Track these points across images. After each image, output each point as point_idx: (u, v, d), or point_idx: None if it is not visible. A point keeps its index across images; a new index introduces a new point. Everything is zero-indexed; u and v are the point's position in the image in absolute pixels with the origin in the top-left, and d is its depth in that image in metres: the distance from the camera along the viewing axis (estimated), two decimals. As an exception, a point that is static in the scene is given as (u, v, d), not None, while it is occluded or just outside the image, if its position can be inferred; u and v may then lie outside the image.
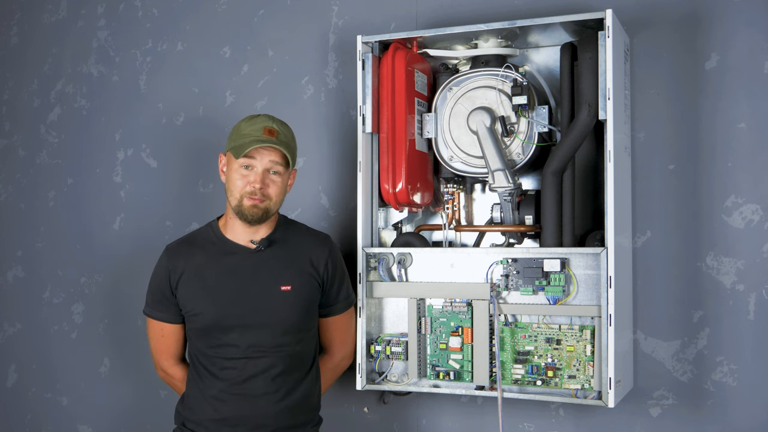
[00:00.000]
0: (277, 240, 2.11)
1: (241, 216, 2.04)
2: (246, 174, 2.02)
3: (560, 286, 2.03)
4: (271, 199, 2.04)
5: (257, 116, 2.07)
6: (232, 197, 2.04)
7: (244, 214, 2.03)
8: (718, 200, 2.11)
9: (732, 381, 2.09)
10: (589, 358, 2.02)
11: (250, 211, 2.02)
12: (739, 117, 2.10)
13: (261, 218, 2.04)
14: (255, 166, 2.02)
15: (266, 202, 2.03)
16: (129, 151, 2.81)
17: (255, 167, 2.02)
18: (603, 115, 1.96)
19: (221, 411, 2.04)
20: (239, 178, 2.02)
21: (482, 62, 2.18)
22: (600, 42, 1.98)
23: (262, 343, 2.04)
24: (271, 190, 2.04)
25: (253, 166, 2.02)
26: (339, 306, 2.18)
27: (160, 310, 2.13)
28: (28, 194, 2.97)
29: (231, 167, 2.05)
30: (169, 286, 2.10)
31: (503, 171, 2.08)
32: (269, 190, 2.03)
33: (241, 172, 2.02)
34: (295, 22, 2.60)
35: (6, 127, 3.02)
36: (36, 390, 2.92)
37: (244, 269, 2.07)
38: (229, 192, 2.05)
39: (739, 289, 2.09)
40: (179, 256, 2.11)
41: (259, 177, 2.02)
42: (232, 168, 2.04)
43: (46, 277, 2.92)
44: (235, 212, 2.04)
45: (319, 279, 2.12)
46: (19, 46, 3.02)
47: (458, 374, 2.14)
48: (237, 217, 2.05)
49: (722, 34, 2.12)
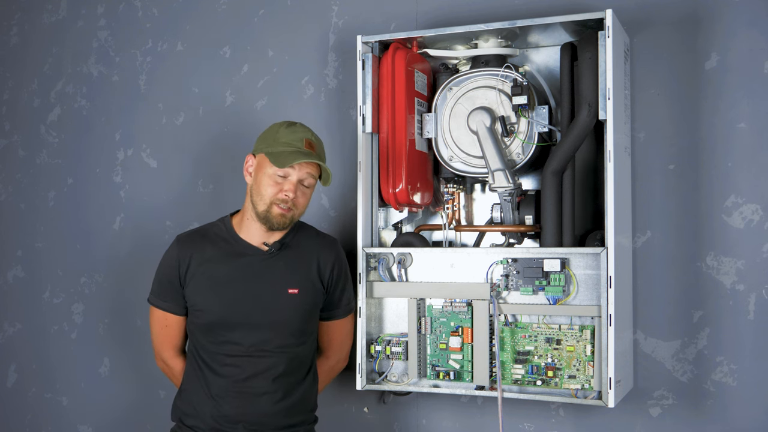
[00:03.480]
0: (289, 244, 2.11)
1: (265, 221, 2.03)
2: (280, 182, 2.01)
3: (560, 286, 2.03)
4: (298, 209, 2.04)
5: (294, 125, 2.05)
6: (260, 202, 2.02)
7: (271, 221, 2.02)
8: (718, 200, 2.11)
9: (732, 381, 2.09)
10: (589, 358, 2.02)
11: (278, 220, 2.02)
12: (739, 117, 2.10)
13: (286, 227, 2.05)
14: (290, 176, 2.01)
15: (293, 212, 2.03)
16: (129, 151, 2.81)
17: (290, 177, 2.01)
18: (603, 115, 1.96)
19: (221, 408, 2.04)
20: (272, 185, 2.01)
21: (482, 62, 2.18)
22: (600, 42, 1.98)
23: (266, 343, 2.04)
24: (301, 201, 2.04)
25: (289, 175, 2.01)
26: (340, 311, 2.19)
27: (165, 299, 2.12)
28: (28, 194, 2.96)
29: (263, 171, 2.02)
30: (178, 275, 2.09)
31: (503, 171, 2.08)
32: (299, 200, 2.03)
33: (275, 179, 2.01)
34: (295, 22, 2.60)
35: (6, 127, 3.02)
36: (36, 390, 2.92)
37: (253, 269, 2.07)
38: (258, 195, 2.02)
39: (739, 289, 2.09)
40: (190, 246, 2.11)
41: (294, 187, 2.01)
42: (264, 172, 2.02)
43: (46, 277, 2.92)
44: (260, 216, 2.03)
45: (324, 283, 2.13)
46: (19, 46, 3.02)
47: (458, 374, 2.14)
48: (258, 220, 2.05)
49: (722, 34, 2.12)
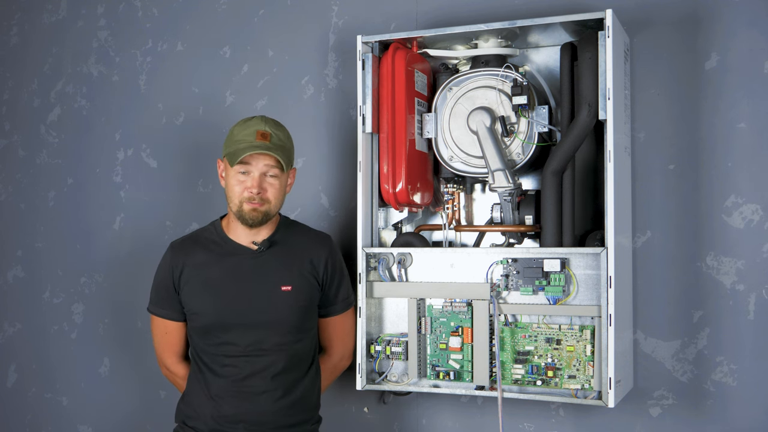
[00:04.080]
0: (278, 241, 2.12)
1: (242, 220, 2.05)
2: (243, 180, 2.03)
3: (560, 286, 2.03)
4: (270, 202, 2.05)
5: (250, 119, 2.08)
6: (231, 203, 2.06)
7: (245, 218, 2.04)
8: (718, 200, 2.11)
9: (732, 381, 2.09)
10: (589, 358, 2.02)
11: (251, 215, 2.04)
12: (739, 117, 2.10)
13: (261, 221, 2.06)
14: (251, 171, 2.03)
15: (265, 206, 2.05)
16: (129, 151, 2.81)
17: (251, 172, 2.03)
18: (603, 115, 1.96)
19: (222, 408, 2.05)
20: (237, 184, 2.04)
21: (482, 62, 2.18)
22: (600, 42, 1.97)
23: (262, 342, 2.05)
24: (269, 194, 2.05)
25: (250, 171, 2.03)
26: (338, 306, 2.19)
27: (164, 307, 2.14)
28: (28, 194, 2.96)
29: (228, 173, 2.06)
30: (173, 282, 2.11)
31: (503, 171, 2.08)
32: (267, 193, 2.05)
33: (238, 177, 2.03)
34: (295, 22, 2.60)
35: (6, 127, 3.02)
36: (36, 390, 2.92)
37: (245, 270, 2.08)
38: (229, 198, 2.06)
39: (739, 289, 2.09)
40: (183, 252, 2.13)
41: (256, 182, 2.02)
42: (229, 174, 2.05)
43: (46, 277, 2.92)
44: (236, 216, 2.06)
45: (319, 279, 2.13)
46: (19, 46, 3.02)
47: (458, 374, 2.14)
48: (238, 221, 2.07)
49: (722, 34, 2.12)
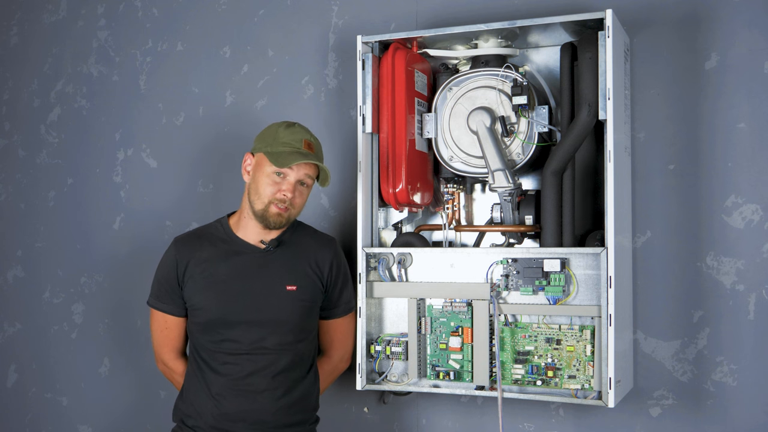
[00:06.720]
0: (286, 241, 2.12)
1: (262, 220, 2.04)
2: (278, 182, 2.02)
3: (560, 286, 2.03)
4: (295, 208, 2.06)
5: (293, 125, 2.07)
6: (258, 200, 2.04)
7: (268, 219, 2.04)
8: (718, 200, 2.11)
9: (732, 381, 2.09)
10: (589, 358, 2.02)
11: (275, 219, 2.03)
12: (739, 117, 2.10)
13: (282, 226, 2.06)
14: (288, 176, 2.02)
15: (290, 211, 2.05)
16: (129, 151, 2.81)
17: (288, 176, 2.02)
18: (603, 115, 1.96)
19: (221, 406, 2.05)
20: (270, 184, 2.02)
21: (482, 62, 2.18)
22: (600, 42, 1.98)
23: (265, 340, 2.05)
24: (298, 201, 2.05)
25: (287, 176, 2.02)
26: (340, 309, 2.19)
27: (165, 302, 2.13)
28: (28, 194, 2.96)
29: (261, 170, 2.04)
30: (176, 277, 2.10)
31: (503, 171, 2.08)
32: (296, 200, 2.05)
33: (273, 178, 2.02)
34: (295, 21, 2.60)
35: (6, 127, 3.02)
36: (36, 390, 2.92)
37: (251, 268, 2.08)
38: (256, 194, 2.04)
39: (739, 289, 2.09)
40: (188, 247, 2.12)
41: (292, 187, 2.02)
42: (262, 171, 2.03)
43: (46, 277, 2.92)
44: (257, 215, 2.05)
45: (323, 281, 2.13)
46: (19, 46, 3.02)
47: (458, 374, 2.14)
48: (255, 219, 2.06)
49: (722, 34, 2.12)
